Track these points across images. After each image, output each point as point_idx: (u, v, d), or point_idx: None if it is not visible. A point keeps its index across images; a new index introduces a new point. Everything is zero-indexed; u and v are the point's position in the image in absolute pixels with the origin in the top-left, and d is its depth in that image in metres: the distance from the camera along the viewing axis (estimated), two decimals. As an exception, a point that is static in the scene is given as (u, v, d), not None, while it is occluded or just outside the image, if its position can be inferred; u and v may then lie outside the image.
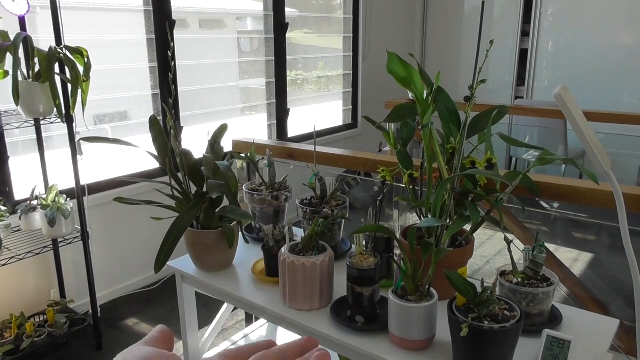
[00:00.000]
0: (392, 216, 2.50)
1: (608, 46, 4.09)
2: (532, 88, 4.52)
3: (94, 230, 2.62)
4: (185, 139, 1.44)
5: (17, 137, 2.41)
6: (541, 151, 1.17)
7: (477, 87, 1.02)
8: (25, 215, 2.15)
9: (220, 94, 3.54)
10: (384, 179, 1.32)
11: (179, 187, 1.41)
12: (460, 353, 0.96)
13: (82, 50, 2.00)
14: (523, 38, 4.48)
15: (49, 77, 1.91)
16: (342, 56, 4.43)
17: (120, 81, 2.86)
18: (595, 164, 0.82)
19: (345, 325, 1.13)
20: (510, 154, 4.27)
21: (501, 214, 1.07)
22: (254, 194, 1.55)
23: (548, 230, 3.75)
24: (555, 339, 0.95)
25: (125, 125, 2.97)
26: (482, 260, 3.23)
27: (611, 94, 4.14)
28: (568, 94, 0.82)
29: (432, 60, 5.04)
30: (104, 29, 2.73)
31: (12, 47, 1.85)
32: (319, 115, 4.46)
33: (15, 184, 2.37)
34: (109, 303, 2.76)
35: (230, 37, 3.66)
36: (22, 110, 1.97)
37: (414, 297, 1.02)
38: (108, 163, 2.80)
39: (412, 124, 1.25)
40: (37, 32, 2.36)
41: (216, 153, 1.47)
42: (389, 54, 1.08)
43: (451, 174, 1.12)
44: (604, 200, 1.16)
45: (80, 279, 2.53)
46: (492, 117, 1.15)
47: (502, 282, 1.08)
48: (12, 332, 2.09)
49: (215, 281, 1.38)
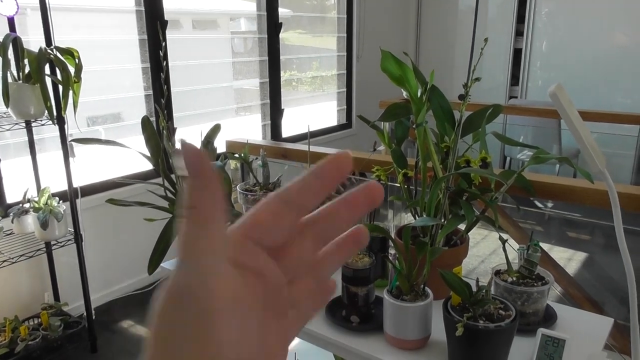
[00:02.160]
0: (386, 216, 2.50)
1: (602, 46, 4.11)
2: (526, 88, 4.54)
3: (87, 232, 2.60)
4: (178, 140, 1.43)
5: (8, 140, 2.39)
6: (535, 150, 1.17)
7: (472, 84, 1.01)
8: (17, 219, 2.13)
9: (214, 94, 3.53)
10: (379, 178, 1.32)
11: (172, 188, 1.40)
12: (455, 352, 0.95)
13: (73, 51, 1.98)
14: (517, 38, 4.49)
15: (39, 78, 1.89)
16: (336, 56, 4.43)
17: (112, 82, 2.84)
18: (590, 163, 0.82)
19: (340, 325, 1.12)
20: (504, 154, 4.28)
21: (496, 213, 1.07)
22: (248, 194, 1.54)
23: (542, 229, 3.76)
24: (550, 337, 0.95)
25: (118, 127, 2.95)
26: (477, 260, 3.23)
27: (605, 93, 4.16)
28: (563, 93, 0.82)
29: (426, 59, 5.04)
30: (95, 29, 2.72)
31: (1, 48, 1.83)
32: (313, 115, 4.46)
33: (7, 187, 2.34)
34: (104, 305, 2.74)
35: (224, 37, 3.65)
36: (12, 112, 1.95)
37: (409, 297, 1.02)
38: (100, 165, 2.78)
39: (407, 123, 1.24)
40: (27, 33, 2.34)
41: (209, 153, 1.46)
42: (383, 53, 1.07)
43: (446, 173, 1.11)
44: (598, 199, 1.16)
45: (74, 282, 2.51)
46: (487, 116, 1.15)
47: (497, 281, 1.08)
48: (6, 335, 2.07)
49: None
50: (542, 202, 3.77)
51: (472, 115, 1.17)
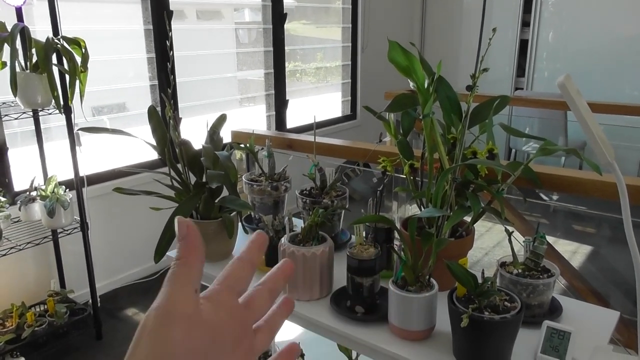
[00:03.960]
0: (390, 207, 2.50)
1: (609, 37, 4.07)
2: (532, 79, 4.51)
3: (93, 221, 2.61)
4: (183, 130, 1.43)
5: (16, 129, 2.40)
6: (542, 142, 1.16)
7: (480, 75, 1.01)
8: (24, 206, 2.14)
9: (218, 85, 3.52)
10: (385, 169, 1.32)
11: (178, 177, 1.41)
12: (460, 343, 0.96)
13: (80, 41, 1.98)
14: (523, 28, 4.45)
15: (46, 67, 1.90)
16: (340, 47, 4.40)
17: (117, 72, 2.84)
18: (599, 154, 0.81)
19: (345, 316, 1.13)
20: (509, 146, 4.27)
21: (502, 204, 1.07)
22: (254, 184, 1.54)
23: (547, 222, 3.76)
24: (555, 330, 0.95)
25: (123, 117, 2.95)
26: (481, 252, 3.23)
27: (612, 85, 4.13)
28: (572, 83, 0.81)
29: (432, 50, 5.01)
30: (102, 20, 2.71)
31: (10, 38, 1.83)
32: (317, 106, 4.45)
33: (15, 175, 2.36)
34: (109, 293, 2.76)
35: (228, 27, 3.64)
36: (20, 101, 1.96)
37: (414, 288, 1.02)
38: (107, 154, 2.79)
39: (413, 114, 1.24)
40: (34, 23, 2.34)
41: (215, 143, 1.46)
42: (390, 43, 1.07)
43: (452, 164, 1.11)
44: (606, 192, 1.16)
45: (79, 270, 2.53)
46: (494, 107, 1.14)
47: (502, 273, 1.08)
48: (13, 321, 2.10)
49: (214, 271, 1.38)
50: (548, 195, 3.77)
51: (479, 106, 1.17)
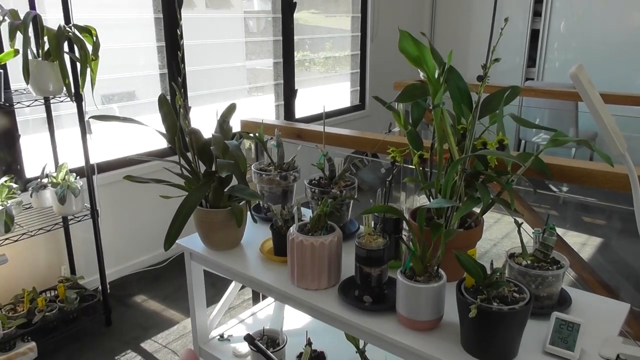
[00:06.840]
0: (399, 198, 2.50)
1: (621, 27, 4.01)
2: (542, 69, 4.46)
3: (104, 208, 2.64)
4: (192, 119, 1.43)
5: (28, 116, 2.42)
6: (552, 133, 1.15)
7: (491, 65, 1.00)
8: (36, 193, 2.17)
9: (227, 74, 3.52)
10: (394, 160, 1.32)
11: (188, 166, 1.41)
12: (468, 334, 0.96)
13: (91, 29, 1.99)
14: (535, 18, 4.40)
15: (58, 55, 1.90)
16: (350, 36, 4.37)
17: (127, 61, 2.84)
18: (611, 145, 0.81)
19: (353, 305, 1.13)
20: (519, 137, 4.23)
21: (512, 195, 1.06)
22: (263, 173, 1.55)
23: (557, 213, 3.73)
24: (565, 321, 0.95)
25: (132, 105, 2.96)
26: (489, 243, 3.23)
27: (624, 75, 4.07)
28: (584, 74, 0.80)
29: (441, 40, 4.97)
30: (112, 8, 2.71)
31: (22, 26, 1.84)
32: (326, 96, 4.43)
33: (26, 162, 2.38)
34: (118, 280, 2.79)
35: (237, 16, 3.62)
36: (32, 88, 1.97)
37: (422, 278, 1.02)
38: (117, 142, 2.81)
39: (423, 104, 1.23)
40: (46, 11, 2.35)
41: (225, 132, 1.47)
42: (401, 32, 1.06)
43: (462, 155, 1.11)
44: (617, 183, 1.15)
45: (89, 256, 2.56)
46: (505, 98, 1.13)
47: (511, 264, 1.08)
48: (24, 306, 2.13)
49: (223, 259, 1.39)
50: (557, 186, 3.74)
51: (489, 97, 1.16)
